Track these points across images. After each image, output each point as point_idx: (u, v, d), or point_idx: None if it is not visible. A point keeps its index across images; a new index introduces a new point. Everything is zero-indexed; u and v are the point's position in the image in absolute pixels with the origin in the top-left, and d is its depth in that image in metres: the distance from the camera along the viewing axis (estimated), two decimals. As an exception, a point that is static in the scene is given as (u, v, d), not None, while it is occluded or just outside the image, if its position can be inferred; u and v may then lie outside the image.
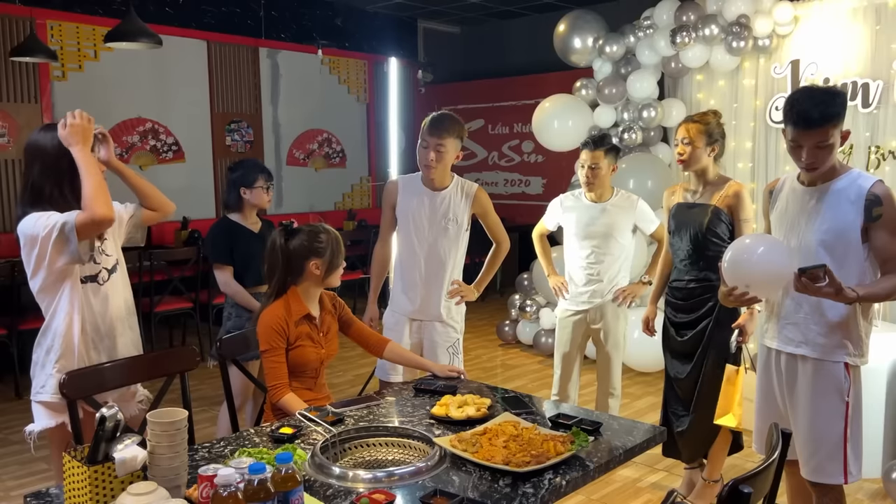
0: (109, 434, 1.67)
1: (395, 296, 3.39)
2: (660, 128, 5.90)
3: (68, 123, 2.36)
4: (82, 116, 2.38)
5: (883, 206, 2.31)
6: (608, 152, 3.57)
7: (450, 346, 3.36)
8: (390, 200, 3.37)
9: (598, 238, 3.65)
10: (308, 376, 2.66)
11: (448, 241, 3.29)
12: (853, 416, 2.43)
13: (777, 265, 2.37)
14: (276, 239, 2.65)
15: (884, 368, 3.62)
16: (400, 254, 3.36)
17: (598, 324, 3.78)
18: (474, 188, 3.35)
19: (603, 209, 3.64)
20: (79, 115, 2.38)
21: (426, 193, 3.29)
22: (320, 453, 1.95)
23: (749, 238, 2.52)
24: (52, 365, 2.39)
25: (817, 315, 2.42)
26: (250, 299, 3.51)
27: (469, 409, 2.29)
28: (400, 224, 3.33)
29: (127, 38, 5.19)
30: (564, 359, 3.86)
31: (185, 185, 7.43)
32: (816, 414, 2.44)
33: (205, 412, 4.65)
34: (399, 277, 3.37)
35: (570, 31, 6.08)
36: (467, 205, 3.30)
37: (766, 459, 1.70)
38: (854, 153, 4.93)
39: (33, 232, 2.30)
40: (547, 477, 1.87)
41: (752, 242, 2.46)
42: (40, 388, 2.42)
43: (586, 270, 3.72)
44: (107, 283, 2.51)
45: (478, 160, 9.17)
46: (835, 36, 5.03)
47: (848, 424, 2.42)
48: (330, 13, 8.39)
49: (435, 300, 3.30)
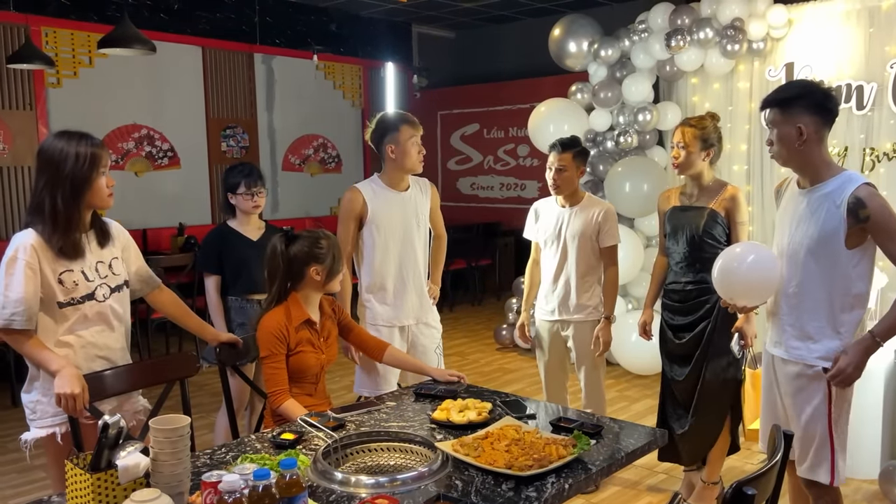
0: (112, 441, 1.67)
1: (375, 307, 3.28)
2: (655, 131, 5.92)
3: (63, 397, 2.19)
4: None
5: (868, 207, 2.25)
6: (577, 155, 3.48)
7: (436, 347, 3.39)
8: (356, 210, 3.21)
9: (565, 242, 3.53)
10: (308, 382, 2.65)
11: (421, 241, 3.33)
12: (838, 419, 2.40)
13: (760, 278, 2.41)
14: (276, 245, 2.65)
15: (881, 370, 3.62)
16: (374, 263, 3.26)
17: (570, 342, 3.64)
18: (428, 183, 3.42)
19: (573, 213, 3.52)
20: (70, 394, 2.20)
21: (394, 196, 3.26)
22: (322, 459, 1.95)
23: (738, 248, 2.57)
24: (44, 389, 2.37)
25: (793, 317, 2.42)
26: (219, 315, 3.52)
27: (470, 414, 2.30)
28: (374, 232, 3.22)
29: (120, 44, 5.18)
30: (546, 368, 3.74)
31: (180, 191, 7.42)
32: (801, 415, 2.45)
33: (202, 419, 4.63)
34: (378, 287, 3.28)
35: (565, 35, 6.10)
36: (426, 201, 3.36)
37: (769, 461, 1.71)
38: (849, 155, 4.96)
39: None
40: (550, 480, 1.87)
41: (740, 252, 2.51)
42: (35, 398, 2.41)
43: (553, 275, 3.59)
44: (108, 300, 2.45)
45: (473, 164, 9.19)
46: (828, 38, 5.05)
47: (832, 426, 2.40)
48: (325, 19, 8.40)
49: (419, 302, 3.32)
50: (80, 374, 2.24)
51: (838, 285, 2.33)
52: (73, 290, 2.35)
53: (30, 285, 2.26)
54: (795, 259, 2.41)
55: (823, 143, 2.38)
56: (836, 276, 2.33)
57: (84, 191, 2.33)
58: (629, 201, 5.64)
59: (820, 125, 2.35)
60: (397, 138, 3.18)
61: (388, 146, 3.19)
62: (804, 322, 2.39)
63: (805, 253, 2.38)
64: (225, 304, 3.56)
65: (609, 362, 5.87)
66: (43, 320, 2.33)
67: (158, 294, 2.72)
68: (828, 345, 2.37)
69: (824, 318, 2.36)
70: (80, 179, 2.31)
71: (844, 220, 2.28)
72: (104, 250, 2.46)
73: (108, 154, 2.41)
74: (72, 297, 2.35)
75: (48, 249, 2.31)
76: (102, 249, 2.46)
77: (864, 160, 4.90)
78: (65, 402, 2.18)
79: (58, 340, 2.35)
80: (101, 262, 2.44)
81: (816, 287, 2.35)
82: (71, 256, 2.35)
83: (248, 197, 3.51)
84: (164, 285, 2.76)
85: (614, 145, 5.92)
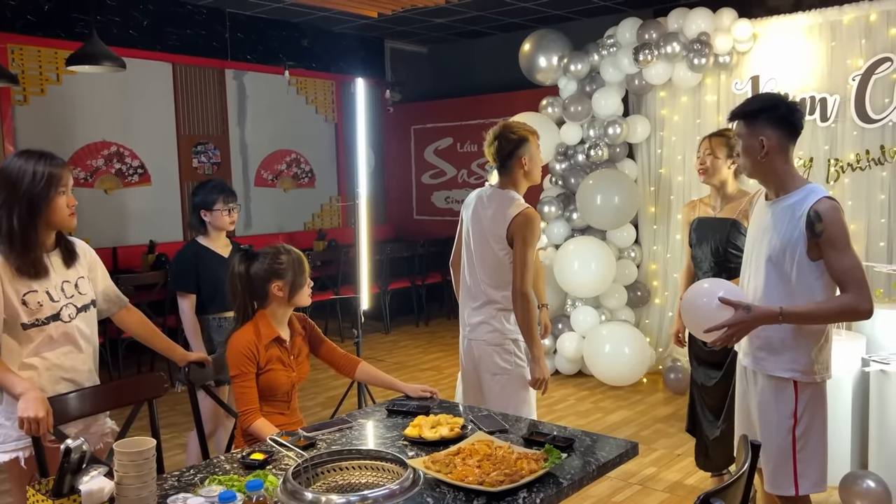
0: (75, 466, 1.64)
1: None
2: (625, 144, 5.98)
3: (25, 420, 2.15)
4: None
5: (823, 222, 2.26)
6: None
7: None
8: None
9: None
10: (279, 400, 2.63)
11: None
12: (806, 431, 2.40)
13: (698, 313, 2.47)
14: (234, 265, 2.64)
15: (848, 378, 3.67)
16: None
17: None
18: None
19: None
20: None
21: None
22: (292, 479, 1.93)
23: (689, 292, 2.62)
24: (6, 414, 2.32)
25: (759, 328, 2.42)
26: (196, 336, 3.48)
27: (442, 430, 2.29)
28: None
29: (90, 61, 5.14)
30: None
31: (151, 208, 7.34)
32: (764, 426, 2.46)
33: (175, 438, 4.57)
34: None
35: (535, 50, 6.15)
36: None
37: (737, 472, 1.72)
38: (814, 166, 5.05)
39: None
40: (521, 496, 1.87)
41: (690, 295, 2.59)
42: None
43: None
44: (74, 320, 2.41)
45: (447, 178, 9.20)
46: (793, 52, 5.16)
47: (797, 439, 2.40)
48: (296, 34, 8.39)
49: None
50: (44, 398, 2.19)
51: (801, 296, 2.33)
52: (37, 311, 2.31)
53: None
54: (759, 269, 2.44)
55: (788, 155, 2.40)
56: (800, 287, 2.34)
57: (40, 210, 2.29)
58: (601, 214, 5.70)
59: (783, 138, 2.37)
60: (530, 149, 3.03)
61: (522, 158, 3.02)
62: (769, 333, 2.40)
63: (766, 263, 2.40)
64: (202, 324, 3.52)
65: (583, 374, 5.91)
66: (6, 342, 2.28)
67: (126, 314, 2.68)
68: (791, 356, 2.39)
69: (788, 329, 2.37)
70: (37, 198, 2.27)
71: (804, 233, 2.30)
72: (70, 270, 2.43)
73: (69, 173, 2.37)
74: (36, 318, 2.31)
75: (10, 269, 2.27)
76: (68, 269, 2.42)
77: (829, 171, 4.99)
78: (27, 426, 2.14)
79: (22, 363, 2.31)
80: (67, 282, 2.40)
81: (779, 298, 2.35)
82: (31, 276, 2.30)
83: (226, 213, 3.49)
84: (132, 305, 2.72)
85: (585, 158, 5.97)
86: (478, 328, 3.05)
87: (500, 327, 3.01)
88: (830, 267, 2.29)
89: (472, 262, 3.08)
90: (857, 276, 2.27)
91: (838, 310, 2.31)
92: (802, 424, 2.40)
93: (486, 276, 3.02)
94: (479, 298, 3.06)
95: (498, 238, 2.97)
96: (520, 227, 2.92)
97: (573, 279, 5.66)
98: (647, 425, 4.82)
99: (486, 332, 3.03)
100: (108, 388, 2.53)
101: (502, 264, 2.98)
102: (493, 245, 2.99)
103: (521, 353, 3.03)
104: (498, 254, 2.98)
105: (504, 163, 3.03)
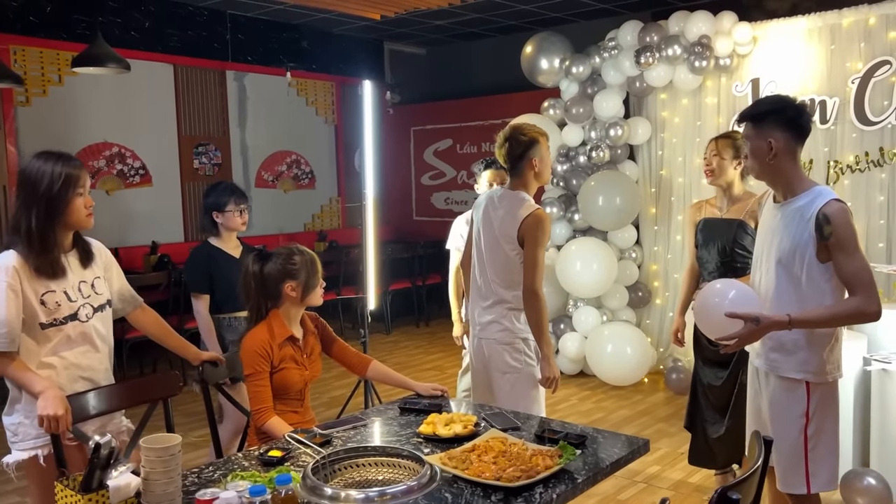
0: (104, 462, 1.67)
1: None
2: (626, 145, 6.03)
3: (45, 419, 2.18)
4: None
5: (832, 224, 2.27)
6: (498, 170, 3.81)
7: None
8: None
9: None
10: (293, 398, 2.66)
11: None
12: (817, 430, 2.43)
13: (710, 314, 2.47)
14: (248, 265, 2.67)
15: (850, 377, 3.71)
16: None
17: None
18: None
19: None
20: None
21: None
22: (312, 475, 1.96)
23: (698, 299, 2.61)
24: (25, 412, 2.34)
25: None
26: (211, 335, 3.50)
27: (456, 427, 2.32)
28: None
29: (95, 63, 5.16)
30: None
31: (152, 209, 7.35)
32: (776, 426, 2.49)
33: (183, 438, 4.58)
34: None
35: (536, 52, 6.20)
36: None
37: (751, 467, 1.76)
38: (814, 168, 5.11)
39: None
40: (538, 491, 1.90)
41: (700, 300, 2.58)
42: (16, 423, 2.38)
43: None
44: (91, 320, 2.43)
45: (447, 179, 9.24)
46: (792, 55, 5.21)
47: (808, 439, 2.42)
48: (296, 36, 8.41)
49: None
50: (63, 396, 2.22)
51: (812, 298, 2.35)
52: (55, 311, 2.34)
53: (12, 307, 2.24)
54: (770, 272, 2.47)
55: (796, 157, 2.42)
56: (810, 289, 2.36)
57: (59, 211, 2.32)
58: (602, 215, 5.74)
59: (792, 140, 2.39)
60: (541, 150, 3.05)
61: (532, 159, 3.04)
62: (781, 334, 2.42)
63: (777, 265, 2.42)
64: (214, 323, 3.55)
65: (585, 374, 5.95)
66: (25, 342, 2.31)
67: (140, 313, 2.71)
68: (804, 357, 2.41)
69: (800, 330, 2.38)
70: (55, 199, 2.30)
71: (813, 235, 2.32)
72: (86, 270, 2.45)
73: (86, 174, 2.40)
74: (54, 318, 2.34)
75: (29, 270, 2.30)
76: (85, 269, 2.45)
77: (829, 172, 5.04)
78: (47, 424, 2.16)
79: (40, 362, 2.33)
80: (84, 282, 2.43)
81: (790, 300, 2.38)
82: (49, 276, 2.33)
83: (237, 214, 3.56)
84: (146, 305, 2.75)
85: (587, 160, 6.01)
86: (488, 327, 3.09)
87: (510, 326, 3.04)
88: (839, 269, 2.32)
89: (483, 262, 3.12)
90: (866, 278, 2.30)
91: (847, 313, 2.33)
92: (814, 424, 2.43)
93: (497, 275, 3.06)
94: (489, 298, 3.09)
95: (509, 238, 3.01)
96: (531, 227, 2.96)
97: (575, 280, 5.70)
98: (648, 425, 4.86)
99: (497, 331, 3.06)
100: (124, 386, 2.56)
101: (513, 264, 3.02)
102: (504, 245, 3.03)
103: (531, 352, 3.06)
104: (509, 254, 3.02)
105: (515, 164, 3.07)
